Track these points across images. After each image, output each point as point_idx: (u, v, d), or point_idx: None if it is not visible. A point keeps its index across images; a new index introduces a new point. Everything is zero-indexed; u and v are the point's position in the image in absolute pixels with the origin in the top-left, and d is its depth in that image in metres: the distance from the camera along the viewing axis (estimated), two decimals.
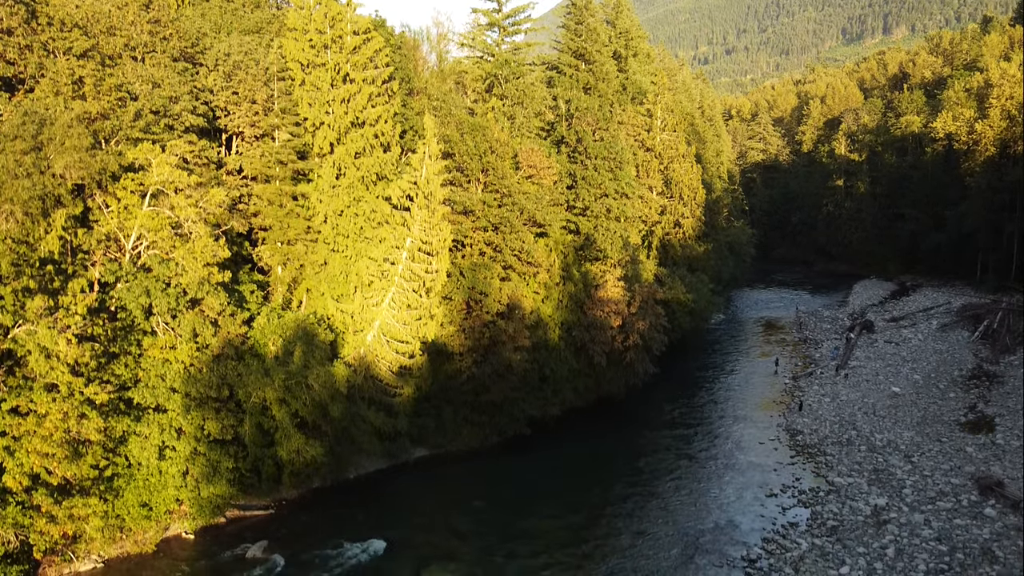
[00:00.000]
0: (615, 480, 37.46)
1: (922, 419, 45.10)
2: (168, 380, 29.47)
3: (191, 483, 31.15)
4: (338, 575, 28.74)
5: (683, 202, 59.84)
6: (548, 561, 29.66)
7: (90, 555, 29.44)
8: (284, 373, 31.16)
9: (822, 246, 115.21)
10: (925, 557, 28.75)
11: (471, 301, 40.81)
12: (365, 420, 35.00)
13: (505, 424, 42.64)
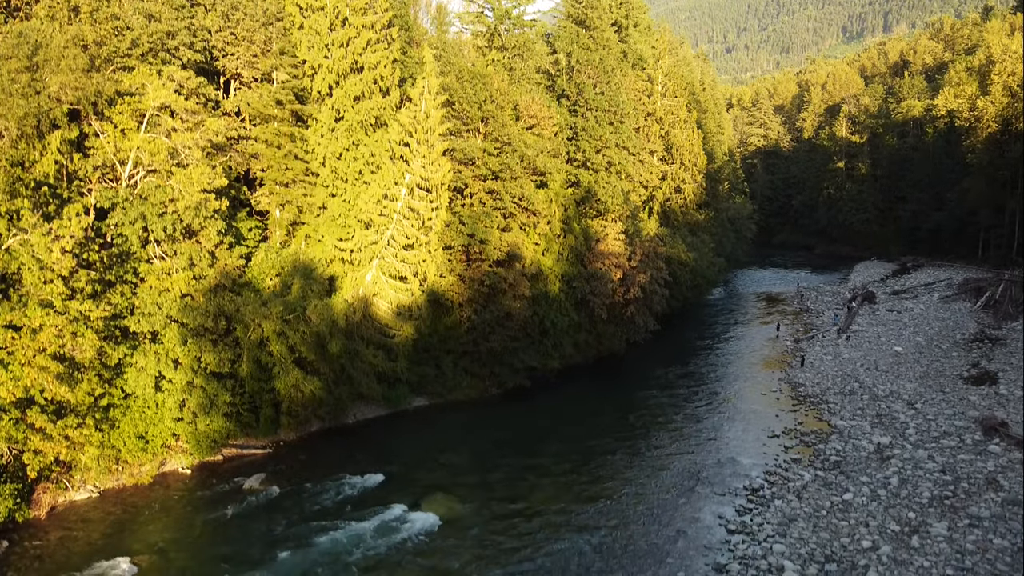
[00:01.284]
0: (616, 426, 37.14)
1: (925, 374, 44.80)
2: (164, 308, 29.17)
3: (188, 416, 30.83)
4: (336, 503, 28.41)
5: (684, 167, 59.58)
6: (548, 494, 29.35)
7: (85, 484, 29.12)
8: (282, 304, 30.87)
9: (823, 228, 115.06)
10: (929, 486, 28.44)
11: (471, 249, 40.55)
12: (364, 360, 34.70)
13: (505, 375, 42.36)
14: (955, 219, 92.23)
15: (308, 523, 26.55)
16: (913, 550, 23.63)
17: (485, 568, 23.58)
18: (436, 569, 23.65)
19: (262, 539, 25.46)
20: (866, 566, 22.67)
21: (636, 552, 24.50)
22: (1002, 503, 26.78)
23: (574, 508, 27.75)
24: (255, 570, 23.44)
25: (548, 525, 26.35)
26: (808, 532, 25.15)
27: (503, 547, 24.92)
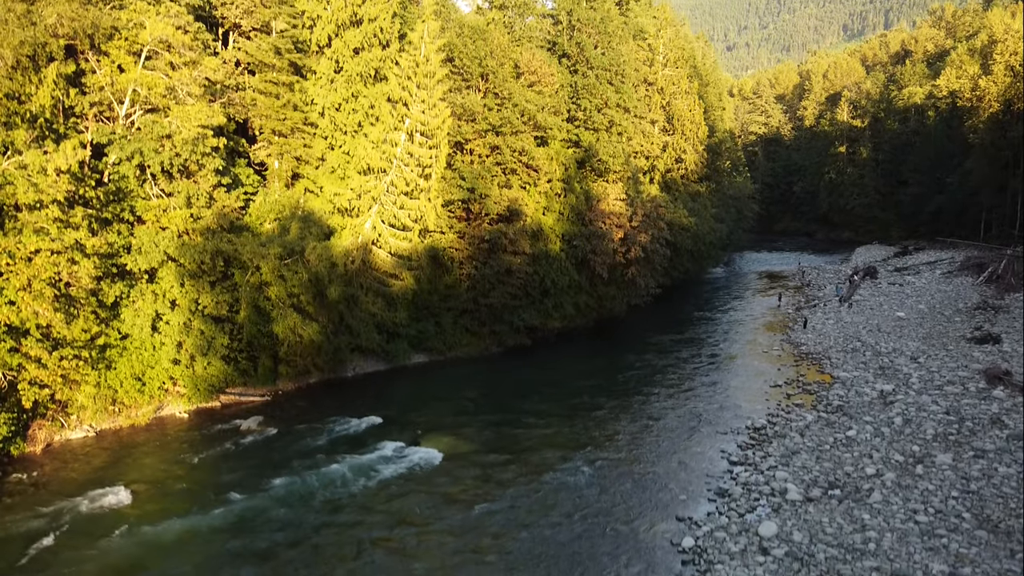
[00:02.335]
0: (618, 380, 36.86)
1: (927, 335, 44.50)
2: (162, 246, 28.90)
3: (185, 359, 30.57)
4: (334, 441, 28.16)
5: (685, 137, 59.32)
6: (551, 433, 29.07)
7: (81, 424, 28.87)
8: (280, 246, 30.62)
9: (824, 214, 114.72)
10: (933, 424, 28.15)
11: (471, 206, 40.34)
12: (363, 309, 34.44)
13: (506, 333, 42.13)
14: (956, 201, 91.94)
15: (307, 457, 26.31)
16: (917, 476, 23.36)
17: (488, 493, 23.31)
18: (438, 494, 23.38)
19: (260, 469, 25.20)
20: (870, 489, 22.40)
21: (637, 480, 24.24)
22: (1007, 438, 26.48)
23: (575, 445, 27.48)
24: (253, 495, 23.17)
25: (550, 458, 26.08)
26: (811, 462, 24.88)
27: (505, 476, 24.65)
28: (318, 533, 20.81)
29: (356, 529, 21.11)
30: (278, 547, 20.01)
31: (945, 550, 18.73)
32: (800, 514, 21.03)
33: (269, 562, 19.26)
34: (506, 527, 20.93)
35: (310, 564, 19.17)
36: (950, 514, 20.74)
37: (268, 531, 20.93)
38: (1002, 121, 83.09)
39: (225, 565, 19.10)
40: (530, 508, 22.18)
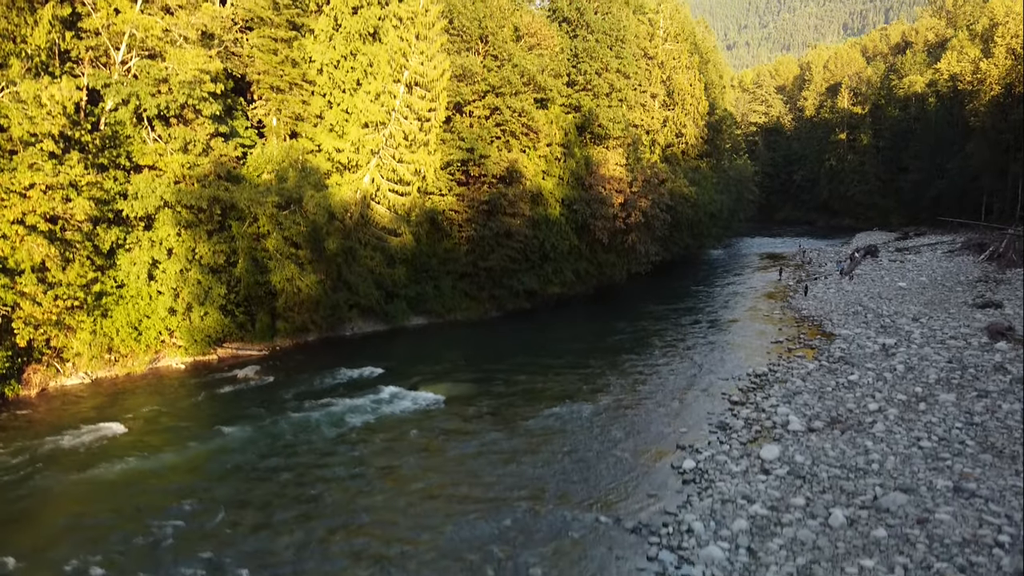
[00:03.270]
0: (619, 338, 36.66)
1: (929, 301, 44.27)
2: (158, 192, 28.65)
3: (181, 308, 30.30)
4: (333, 386, 27.93)
5: (685, 112, 59.11)
6: (552, 380, 28.83)
7: (77, 371, 28.63)
8: (277, 195, 30.39)
9: (824, 201, 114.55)
10: (936, 371, 27.92)
11: (470, 168, 40.11)
12: (362, 264, 34.21)
13: (505, 297, 41.92)
14: (957, 186, 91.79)
15: (305, 399, 26.07)
16: (920, 412, 23.14)
17: (491, 428, 23.06)
18: (438, 428, 23.16)
19: (257, 407, 25.00)
20: (872, 422, 22.17)
21: (637, 417, 24.02)
22: (1010, 382, 26.26)
23: (576, 390, 27.24)
24: (250, 427, 22.95)
25: (552, 400, 25.85)
26: (813, 401, 24.67)
27: (508, 415, 24.42)
28: (316, 459, 20.57)
29: (355, 455, 20.88)
30: (275, 471, 19.78)
31: (949, 470, 18.50)
32: (802, 441, 20.81)
33: (266, 483, 19.02)
34: (511, 454, 20.69)
35: (305, 484, 18.92)
36: (953, 441, 20.52)
37: (265, 457, 20.70)
38: (1003, 104, 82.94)
39: (220, 484, 18.87)
40: (533, 439, 21.95)
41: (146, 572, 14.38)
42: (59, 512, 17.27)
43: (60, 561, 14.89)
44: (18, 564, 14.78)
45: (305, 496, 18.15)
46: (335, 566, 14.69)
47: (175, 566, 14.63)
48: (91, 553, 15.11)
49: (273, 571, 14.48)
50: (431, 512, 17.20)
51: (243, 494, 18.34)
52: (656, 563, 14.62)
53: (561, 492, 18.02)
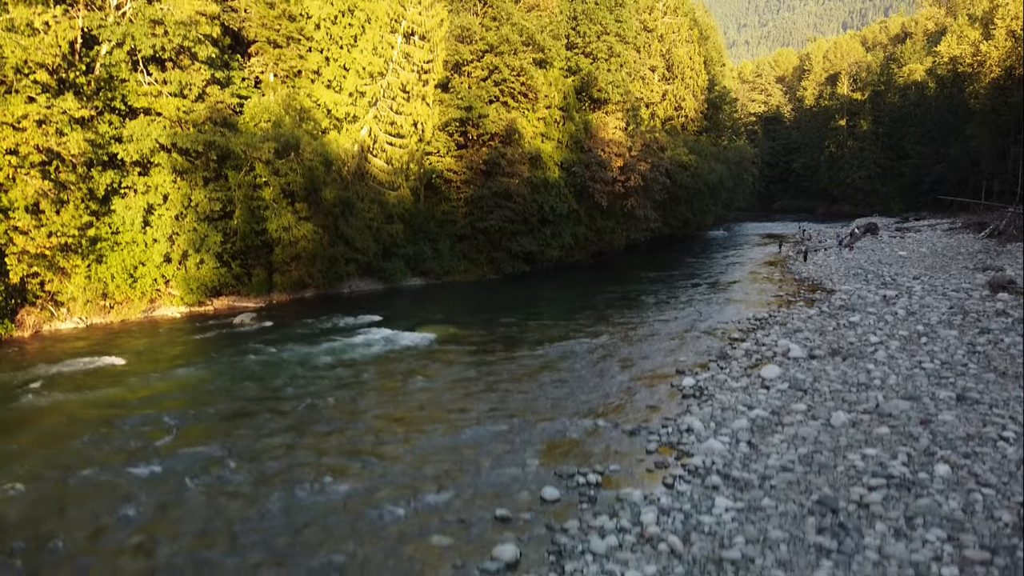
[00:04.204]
0: (617, 292, 36.47)
1: (930, 267, 44.00)
2: (154, 134, 28.44)
3: (177, 255, 30.11)
4: (331, 329, 27.72)
5: (685, 85, 58.90)
6: (551, 325, 28.62)
7: (71, 315, 28.45)
8: (275, 140, 30.17)
9: (824, 188, 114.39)
10: (937, 314, 27.66)
11: (469, 128, 39.91)
12: (360, 217, 33.97)
13: (503, 260, 41.73)
14: (957, 171, 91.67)
15: (302, 339, 25.87)
16: (922, 344, 22.91)
17: (492, 359, 22.84)
18: (435, 359, 23.00)
19: (254, 344, 24.81)
20: (874, 351, 21.94)
21: (638, 349, 23.81)
22: (1012, 322, 26.03)
23: (576, 330, 27.03)
24: (246, 359, 22.73)
25: (552, 337, 25.69)
26: (814, 337, 24.44)
27: (508, 347, 24.22)
28: (311, 380, 20.36)
29: (350, 378, 20.68)
30: (270, 389, 19.57)
31: (952, 385, 18.27)
32: (803, 365, 20.59)
33: (260, 398, 18.80)
34: (507, 379, 20.46)
35: (299, 398, 18.70)
36: (956, 364, 20.28)
37: (260, 379, 20.50)
38: (1003, 87, 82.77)
39: (214, 398, 18.65)
40: (529, 367, 21.73)
41: (138, 464, 14.15)
42: (52, 421, 17.06)
43: (51, 457, 14.68)
44: (16, 458, 14.57)
45: (300, 407, 17.93)
46: (328, 460, 14.47)
47: (166, 459, 14.40)
48: (83, 450, 14.88)
49: (262, 464, 14.25)
50: (426, 420, 16.99)
51: (237, 406, 18.14)
52: (655, 455, 14.39)
53: (558, 406, 17.80)
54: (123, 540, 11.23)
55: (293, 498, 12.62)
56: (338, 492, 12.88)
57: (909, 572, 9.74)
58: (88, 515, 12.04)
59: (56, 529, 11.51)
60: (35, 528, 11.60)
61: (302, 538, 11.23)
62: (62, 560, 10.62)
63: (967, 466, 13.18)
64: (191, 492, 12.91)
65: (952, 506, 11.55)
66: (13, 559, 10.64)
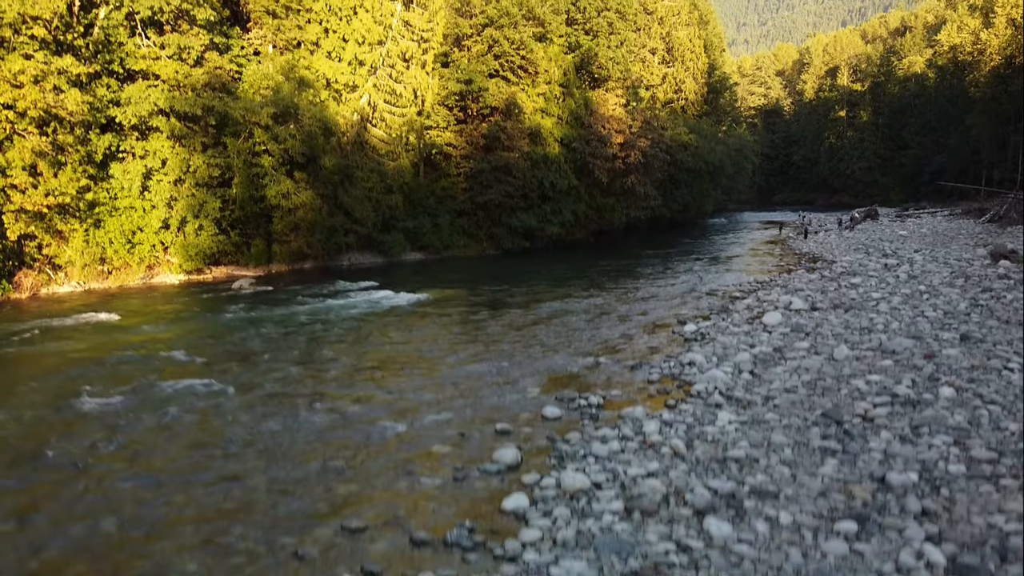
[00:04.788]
0: (617, 265, 36.34)
1: (931, 243, 43.97)
2: (152, 98, 28.30)
3: (175, 222, 29.98)
4: (329, 292, 27.59)
5: (685, 67, 58.76)
6: (550, 288, 28.47)
7: (69, 279, 28.33)
8: (273, 106, 30.02)
9: (824, 180, 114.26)
10: (939, 278, 27.55)
11: (468, 103, 39.76)
12: (359, 186, 33.82)
13: (503, 236, 41.61)
14: (957, 161, 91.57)
15: (304, 298, 25.78)
16: (924, 300, 22.78)
17: (489, 314, 22.70)
18: (438, 314, 22.86)
19: (253, 303, 24.68)
20: (876, 304, 21.81)
21: (638, 304, 23.67)
22: (1013, 283, 25.91)
23: (576, 293, 26.90)
24: (245, 314, 22.59)
25: (550, 299, 25.52)
26: (816, 294, 24.32)
27: (505, 308, 24.06)
28: (312, 329, 20.23)
29: (350, 327, 20.54)
30: (271, 335, 19.43)
31: (955, 330, 18.14)
32: (805, 315, 20.45)
33: (261, 344, 18.66)
34: (506, 329, 20.32)
35: (299, 344, 18.57)
36: (959, 314, 20.15)
37: (260, 328, 20.36)
38: (1003, 75, 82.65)
39: (213, 343, 18.52)
40: (529, 320, 21.60)
41: (134, 393, 14.01)
42: (47, 361, 16.93)
43: (46, 390, 14.55)
44: (10, 390, 14.43)
45: (298, 351, 17.81)
46: (327, 390, 14.33)
47: (162, 389, 14.26)
48: (77, 383, 14.74)
49: (260, 392, 14.12)
50: (424, 361, 16.86)
51: (234, 349, 18.02)
52: (657, 384, 14.26)
53: (557, 348, 17.67)
54: (116, 451, 11.08)
55: (291, 419, 12.48)
56: (337, 414, 12.74)
57: (915, 467, 9.60)
58: (81, 433, 11.89)
59: (50, 443, 11.36)
60: (30, 444, 11.46)
61: (299, 448, 11.10)
62: (57, 466, 10.48)
63: (972, 389, 13.05)
64: (188, 414, 12.77)
65: (958, 419, 11.41)
66: (12, 468, 10.50)
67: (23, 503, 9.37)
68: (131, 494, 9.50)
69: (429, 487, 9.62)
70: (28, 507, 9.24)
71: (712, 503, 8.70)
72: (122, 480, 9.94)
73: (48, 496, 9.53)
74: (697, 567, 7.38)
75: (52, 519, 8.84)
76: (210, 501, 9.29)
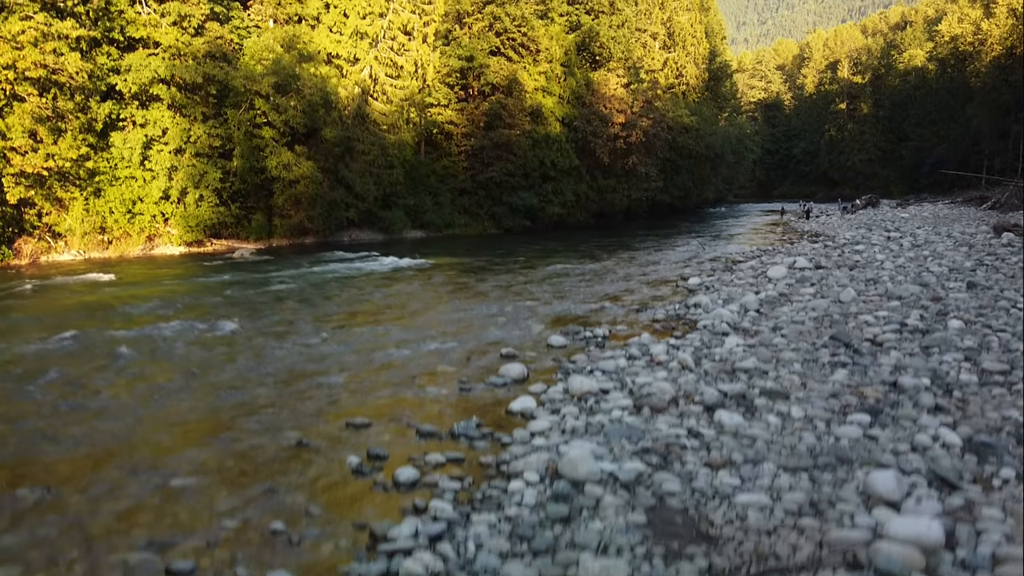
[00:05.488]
0: (618, 243, 36.23)
1: (933, 224, 43.89)
2: (152, 65, 28.18)
3: (176, 192, 29.85)
4: (331, 259, 27.50)
5: (686, 52, 58.64)
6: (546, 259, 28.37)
7: (69, 248, 28.22)
8: (274, 73, 29.91)
9: (824, 172, 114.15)
10: (942, 246, 27.47)
11: (470, 79, 39.66)
12: (360, 159, 33.69)
13: (504, 215, 41.50)
14: (958, 152, 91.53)
15: (305, 263, 25.68)
16: (929, 261, 22.70)
17: (490, 277, 22.59)
18: (439, 275, 22.74)
19: (255, 268, 24.57)
20: (881, 264, 21.72)
21: (638, 268, 23.57)
22: (1017, 249, 25.81)
23: (578, 259, 26.80)
24: (247, 275, 22.49)
25: (550, 263, 25.43)
26: (820, 257, 24.23)
27: (505, 271, 23.96)
28: (314, 289, 20.11)
29: (353, 287, 20.43)
30: (272, 294, 19.32)
31: (962, 281, 18.04)
32: (809, 272, 20.35)
33: (263, 298, 18.54)
34: (513, 284, 20.22)
35: (302, 294, 18.46)
36: (965, 270, 20.06)
37: (260, 288, 20.25)
38: (1004, 65, 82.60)
39: (210, 297, 18.40)
40: (528, 279, 21.49)
41: (135, 328, 13.89)
42: (47, 306, 16.82)
43: (45, 327, 14.43)
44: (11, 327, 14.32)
45: (300, 300, 17.69)
46: (330, 325, 14.22)
47: (164, 326, 14.15)
48: (77, 321, 14.62)
49: (262, 323, 14.00)
50: (427, 307, 16.76)
51: (235, 298, 17.90)
52: (662, 323, 14.15)
53: (561, 297, 17.56)
54: (116, 375, 10.96)
55: (296, 346, 12.37)
56: (342, 343, 12.63)
57: (927, 374, 9.49)
58: (84, 359, 11.77)
59: (53, 365, 11.24)
60: (32, 367, 11.34)
61: (302, 367, 10.98)
62: (59, 385, 10.35)
63: (981, 322, 12.95)
64: (188, 343, 12.66)
65: (968, 343, 11.30)
66: (20, 383, 10.39)
67: (27, 410, 9.26)
68: (133, 400, 9.38)
69: (435, 395, 9.52)
70: (30, 412, 9.13)
71: (722, 401, 8.59)
72: (125, 392, 9.83)
73: (50, 404, 9.42)
74: (709, 448, 7.27)
75: (54, 421, 8.73)
76: (213, 404, 9.19)
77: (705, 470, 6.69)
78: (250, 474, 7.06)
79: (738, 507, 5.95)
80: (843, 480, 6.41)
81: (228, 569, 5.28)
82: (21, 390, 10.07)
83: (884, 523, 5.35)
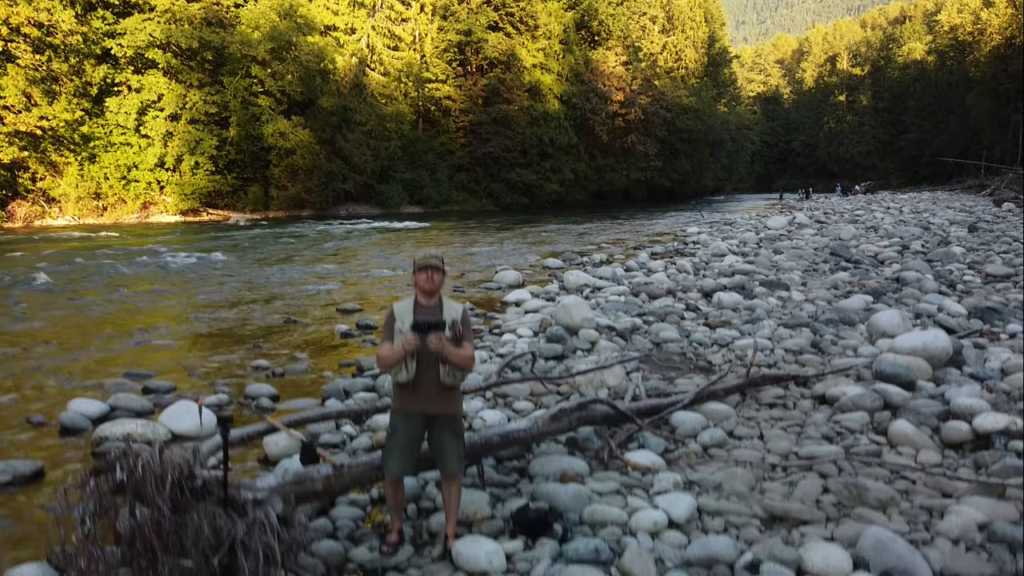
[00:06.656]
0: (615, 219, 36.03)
1: (933, 203, 43.81)
2: (148, 28, 27.94)
3: (171, 159, 29.55)
4: (327, 227, 27.28)
5: (685, 35, 58.46)
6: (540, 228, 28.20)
7: (64, 214, 27.96)
8: (271, 39, 29.69)
9: (823, 165, 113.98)
10: (943, 220, 27.31)
11: (469, 54, 39.41)
12: (356, 130, 33.46)
13: (502, 192, 41.20)
14: (957, 143, 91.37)
15: (303, 226, 25.50)
16: (930, 224, 22.56)
17: (481, 234, 22.41)
18: (434, 231, 22.55)
19: (251, 230, 24.37)
20: (882, 219, 21.57)
21: (634, 227, 23.41)
22: (1015, 211, 25.72)
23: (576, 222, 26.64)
24: (241, 235, 22.31)
25: (552, 223, 25.29)
26: (819, 215, 24.09)
27: (498, 231, 23.79)
28: (312, 242, 19.93)
29: (352, 240, 20.26)
30: (270, 248, 19.14)
31: (963, 226, 17.92)
32: (809, 223, 20.20)
33: (264, 248, 18.37)
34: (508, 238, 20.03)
35: (301, 245, 18.28)
36: (965, 223, 19.93)
37: (258, 244, 20.08)
38: (1003, 55, 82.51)
39: (207, 246, 18.22)
40: (530, 233, 21.32)
41: (133, 262, 13.71)
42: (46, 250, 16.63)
43: (48, 265, 14.25)
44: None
45: (302, 246, 17.53)
46: (327, 257, 14.04)
47: (162, 260, 13.96)
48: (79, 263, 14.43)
49: (260, 260, 13.82)
50: (427, 244, 16.55)
51: (238, 246, 17.72)
52: (661, 254, 13.96)
53: (555, 241, 17.38)
54: (128, 276, 10.77)
55: (291, 271, 12.20)
56: (337, 267, 12.46)
57: (931, 274, 9.31)
58: (79, 275, 11.58)
59: (67, 287, 11.04)
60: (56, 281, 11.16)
61: (297, 278, 10.80)
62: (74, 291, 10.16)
63: (983, 249, 12.79)
64: (191, 272, 12.47)
65: (971, 259, 11.14)
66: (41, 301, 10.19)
67: (35, 301, 9.06)
68: (124, 297, 9.20)
69: None
70: (36, 303, 8.94)
71: (721, 288, 8.41)
72: (127, 295, 9.64)
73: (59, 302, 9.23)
74: (707, 317, 7.08)
75: (49, 302, 8.54)
76: (209, 298, 9.02)
77: (703, 329, 6.52)
78: (237, 339, 6.88)
79: (737, 350, 5.77)
80: (846, 330, 6.25)
81: (207, 388, 5.10)
82: (30, 288, 9.90)
83: (889, 346, 5.18)
